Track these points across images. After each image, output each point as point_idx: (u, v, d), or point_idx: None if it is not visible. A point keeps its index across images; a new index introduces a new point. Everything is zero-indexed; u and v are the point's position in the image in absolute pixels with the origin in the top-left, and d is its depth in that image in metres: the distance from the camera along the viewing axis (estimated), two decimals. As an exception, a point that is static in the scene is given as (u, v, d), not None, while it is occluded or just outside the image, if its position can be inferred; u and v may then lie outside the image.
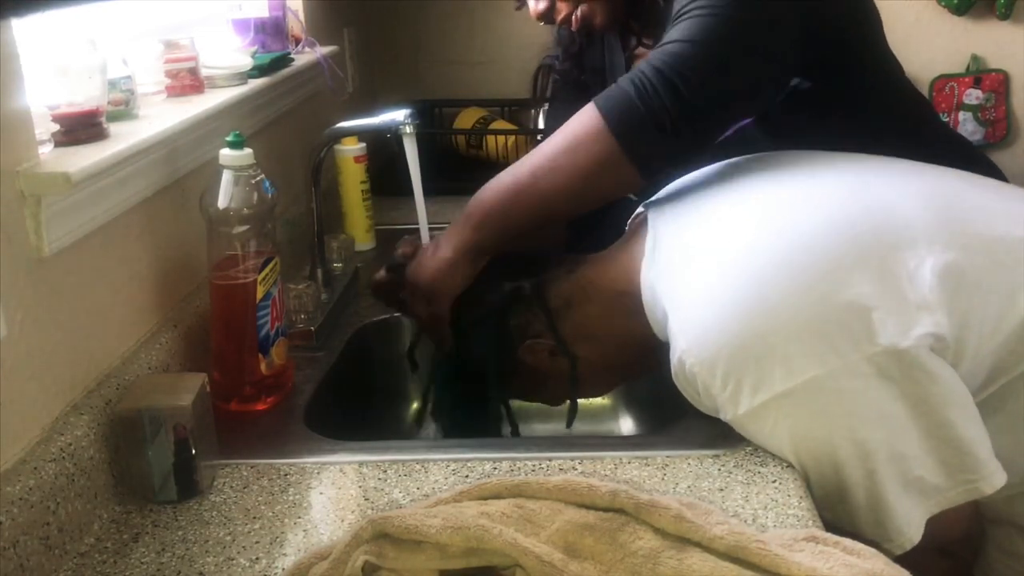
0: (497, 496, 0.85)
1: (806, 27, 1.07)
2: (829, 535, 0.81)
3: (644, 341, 1.06)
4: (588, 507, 0.83)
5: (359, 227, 1.68)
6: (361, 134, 1.60)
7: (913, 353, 0.87)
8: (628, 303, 1.05)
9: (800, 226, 0.95)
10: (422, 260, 1.15)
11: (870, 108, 1.17)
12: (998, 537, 1.00)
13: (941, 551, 0.95)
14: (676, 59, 1.02)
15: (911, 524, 0.91)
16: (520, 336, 1.11)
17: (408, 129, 1.25)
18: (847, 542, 0.80)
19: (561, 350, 1.10)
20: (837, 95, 1.14)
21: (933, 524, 0.92)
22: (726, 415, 0.94)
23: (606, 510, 0.83)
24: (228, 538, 0.88)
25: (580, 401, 1.45)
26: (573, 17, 1.25)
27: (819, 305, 0.89)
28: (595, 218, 1.18)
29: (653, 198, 1.13)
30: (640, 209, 1.13)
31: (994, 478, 0.91)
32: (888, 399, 0.88)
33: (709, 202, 1.05)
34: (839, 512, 0.93)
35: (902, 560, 0.82)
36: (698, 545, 0.79)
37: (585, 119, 1.05)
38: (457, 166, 2.09)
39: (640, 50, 1.31)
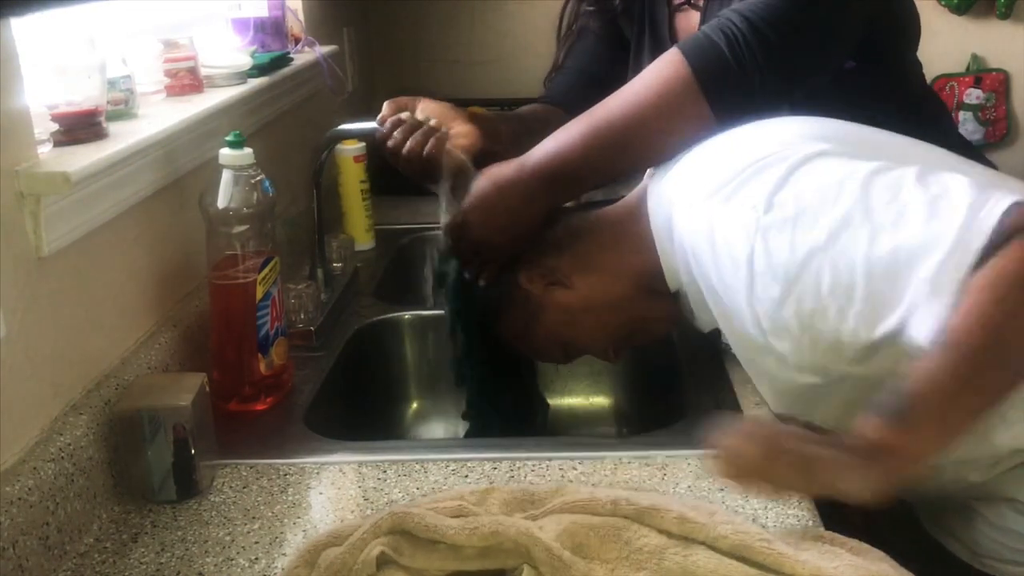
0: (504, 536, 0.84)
1: None
2: (836, 535, 0.81)
3: (647, 283, 1.05)
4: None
5: (359, 227, 1.67)
6: (362, 137, 1.60)
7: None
8: (634, 238, 1.04)
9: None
10: (483, 212, 1.08)
11: (897, 100, 1.17)
12: (988, 514, 0.99)
13: None
14: (768, 10, 0.98)
15: None
16: (521, 259, 1.09)
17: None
18: (853, 543, 0.80)
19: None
20: (873, 82, 1.13)
21: None
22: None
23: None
24: (227, 538, 0.88)
25: (580, 401, 1.45)
26: None
27: None
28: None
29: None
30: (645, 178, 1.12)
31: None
32: None
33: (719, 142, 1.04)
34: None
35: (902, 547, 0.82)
36: (703, 544, 0.79)
37: (670, 70, 1.01)
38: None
39: (686, 7, 1.27)
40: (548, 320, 1.11)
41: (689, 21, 1.25)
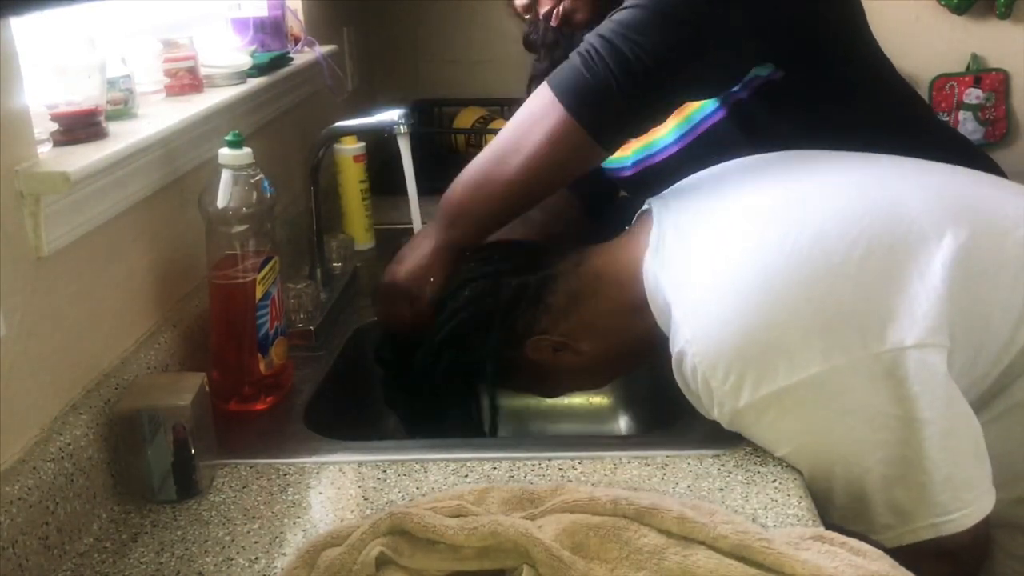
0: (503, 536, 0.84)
1: (772, 5, 1.07)
2: (836, 535, 0.81)
3: (649, 335, 1.04)
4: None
5: (358, 226, 1.67)
6: (359, 133, 1.60)
7: (919, 355, 0.87)
8: (634, 297, 1.04)
9: (809, 221, 0.94)
10: (400, 260, 1.15)
11: (854, 104, 1.16)
12: (1004, 541, 0.99)
13: (949, 555, 0.93)
14: (620, 24, 1.03)
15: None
16: (525, 333, 1.09)
17: (402, 129, 1.25)
18: (853, 542, 0.80)
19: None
20: (813, 88, 1.13)
21: None
22: (723, 409, 0.92)
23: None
24: (227, 538, 0.88)
25: (580, 401, 1.45)
26: (555, 12, 1.25)
27: (826, 300, 0.89)
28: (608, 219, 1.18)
29: (659, 195, 1.12)
30: (645, 206, 1.12)
31: (965, 518, 0.89)
32: (891, 400, 0.88)
33: (716, 197, 1.04)
34: (826, 508, 0.93)
35: (899, 561, 0.82)
36: (703, 544, 0.79)
37: (536, 96, 1.07)
38: (457, 165, 2.08)
39: None
40: (555, 379, 1.14)
41: None
